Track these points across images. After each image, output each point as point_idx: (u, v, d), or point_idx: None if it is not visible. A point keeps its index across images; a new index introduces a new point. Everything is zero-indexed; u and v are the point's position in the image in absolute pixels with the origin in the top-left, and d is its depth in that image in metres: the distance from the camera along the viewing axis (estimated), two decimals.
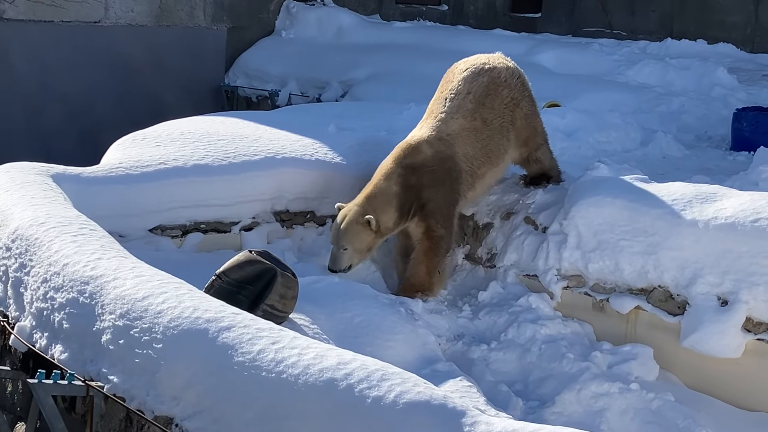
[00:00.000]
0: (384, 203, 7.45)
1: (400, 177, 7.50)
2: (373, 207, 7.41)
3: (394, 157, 7.63)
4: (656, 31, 17.65)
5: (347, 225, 7.37)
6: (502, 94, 7.97)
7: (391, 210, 7.45)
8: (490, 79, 7.96)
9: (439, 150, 7.63)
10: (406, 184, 7.50)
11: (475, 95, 7.86)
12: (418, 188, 7.53)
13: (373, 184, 7.54)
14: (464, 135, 7.77)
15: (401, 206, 7.48)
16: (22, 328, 5.55)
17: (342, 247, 7.39)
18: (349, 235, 7.36)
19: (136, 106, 14.74)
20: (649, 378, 6.64)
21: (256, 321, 4.71)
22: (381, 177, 7.55)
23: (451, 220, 7.70)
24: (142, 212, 7.82)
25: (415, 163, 7.55)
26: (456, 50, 15.19)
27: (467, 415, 4.03)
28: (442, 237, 7.63)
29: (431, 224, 7.57)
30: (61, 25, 14.25)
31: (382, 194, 7.47)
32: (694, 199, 6.94)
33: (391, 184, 7.49)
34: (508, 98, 8.01)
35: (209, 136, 8.75)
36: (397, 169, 7.54)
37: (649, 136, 10.74)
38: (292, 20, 16.98)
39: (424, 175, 7.55)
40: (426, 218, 7.57)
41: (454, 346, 7.09)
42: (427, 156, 7.58)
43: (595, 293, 7.23)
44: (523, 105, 8.13)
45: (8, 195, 6.69)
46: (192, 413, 4.49)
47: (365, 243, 7.43)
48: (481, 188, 8.06)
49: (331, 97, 14.49)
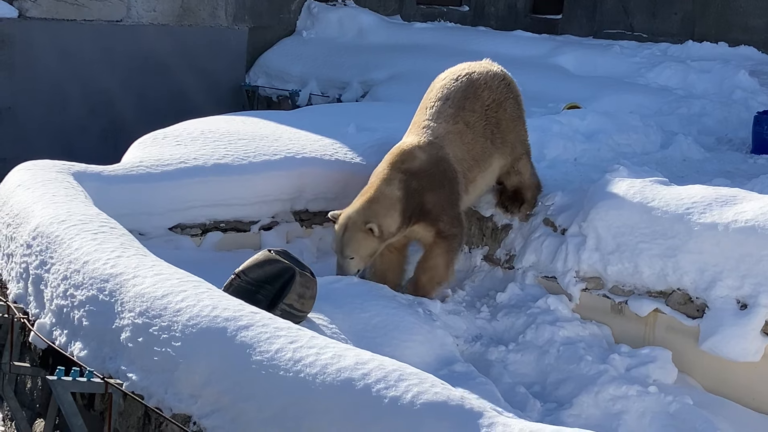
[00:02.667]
0: (387, 208, 7.27)
1: (401, 182, 7.34)
2: (375, 213, 7.23)
3: (390, 162, 7.47)
4: (677, 33, 17.57)
5: (350, 234, 7.21)
6: (483, 95, 7.90)
7: (395, 215, 7.29)
8: (468, 83, 7.89)
9: (432, 153, 7.53)
10: (408, 189, 7.35)
11: (453, 100, 7.80)
12: (421, 192, 7.40)
13: (373, 190, 7.36)
14: (450, 138, 7.67)
15: (404, 211, 7.34)
16: (42, 325, 5.59)
17: (348, 257, 7.24)
18: (354, 244, 7.21)
19: (158, 105, 14.78)
20: (667, 381, 6.62)
21: (275, 320, 4.72)
22: (380, 182, 7.37)
23: (459, 218, 7.62)
24: (162, 211, 7.86)
25: (414, 167, 7.43)
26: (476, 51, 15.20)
27: (484, 416, 4.03)
28: (455, 236, 7.56)
29: (441, 227, 7.47)
30: (84, 23, 14.30)
31: (384, 199, 7.30)
32: (714, 202, 6.92)
33: (393, 189, 7.32)
34: (489, 99, 7.92)
35: (229, 135, 8.78)
36: (397, 174, 7.37)
37: (669, 138, 10.69)
38: (313, 20, 16.99)
39: (424, 179, 7.42)
40: (434, 223, 7.46)
41: (472, 347, 7.09)
42: (423, 160, 7.47)
43: (613, 295, 7.21)
44: (506, 106, 8.03)
45: (30, 192, 6.73)
46: (210, 411, 4.51)
47: (370, 250, 7.28)
48: (474, 193, 7.93)
49: (351, 97, 14.50)
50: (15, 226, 6.44)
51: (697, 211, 6.88)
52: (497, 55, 14.92)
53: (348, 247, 7.21)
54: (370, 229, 7.16)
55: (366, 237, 7.20)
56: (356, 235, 7.20)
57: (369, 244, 7.24)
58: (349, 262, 7.25)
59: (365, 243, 7.22)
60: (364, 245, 7.23)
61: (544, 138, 9.71)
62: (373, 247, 7.28)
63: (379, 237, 7.23)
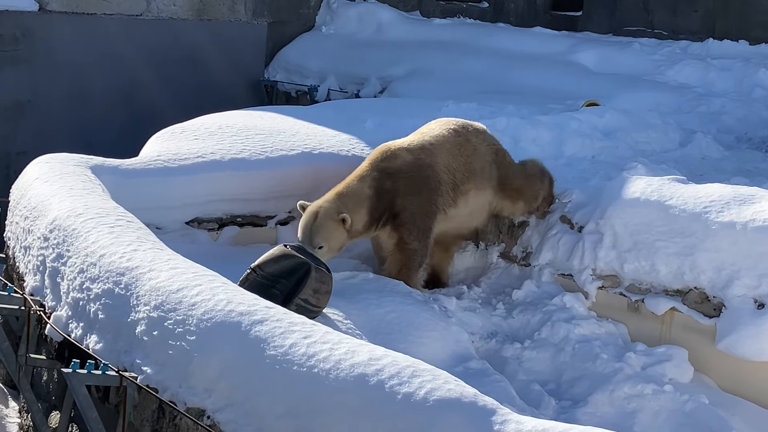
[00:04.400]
0: (355, 204, 7.07)
1: (374, 181, 7.19)
2: (345, 206, 7.03)
3: (370, 159, 7.36)
4: (698, 31, 17.49)
5: (321, 222, 6.93)
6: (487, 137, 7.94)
7: (362, 212, 7.10)
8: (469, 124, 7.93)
9: (418, 157, 7.39)
10: (379, 189, 7.18)
11: (458, 124, 7.81)
12: (392, 194, 7.21)
13: (345, 184, 7.19)
14: (447, 147, 7.56)
15: (372, 211, 7.15)
16: (58, 317, 5.61)
17: (317, 246, 6.89)
18: (324, 233, 6.92)
19: (176, 99, 14.81)
20: (683, 380, 6.61)
21: (289, 315, 4.73)
22: (354, 178, 7.22)
23: (427, 233, 7.37)
24: (179, 205, 7.87)
25: (392, 167, 7.27)
26: (495, 48, 15.23)
27: (497, 414, 4.02)
28: (416, 251, 7.31)
29: (404, 235, 7.27)
30: (103, 17, 14.34)
31: (353, 195, 7.11)
32: (732, 201, 6.89)
33: (364, 187, 7.16)
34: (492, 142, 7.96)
35: (247, 130, 8.80)
36: (372, 172, 7.23)
37: (688, 136, 10.66)
38: (332, 16, 17.01)
39: (399, 180, 7.25)
40: (398, 229, 7.27)
41: (488, 344, 7.08)
42: (405, 161, 7.33)
43: (630, 294, 7.19)
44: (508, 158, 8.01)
45: (47, 186, 6.76)
46: (224, 405, 4.52)
47: (339, 242, 7.02)
48: (465, 207, 7.71)
49: (369, 93, 14.50)
50: (32, 219, 6.47)
51: (715, 210, 6.85)
52: (516, 52, 15.01)
53: (318, 235, 6.91)
54: (342, 219, 6.95)
55: (337, 227, 6.95)
56: (328, 224, 6.94)
57: (339, 235, 6.98)
58: (317, 252, 6.84)
59: (336, 233, 6.96)
60: (334, 235, 6.96)
61: (562, 135, 9.71)
62: (342, 239, 7.03)
63: (348, 230, 7.00)
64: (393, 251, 7.33)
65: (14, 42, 13.43)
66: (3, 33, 13.30)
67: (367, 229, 7.21)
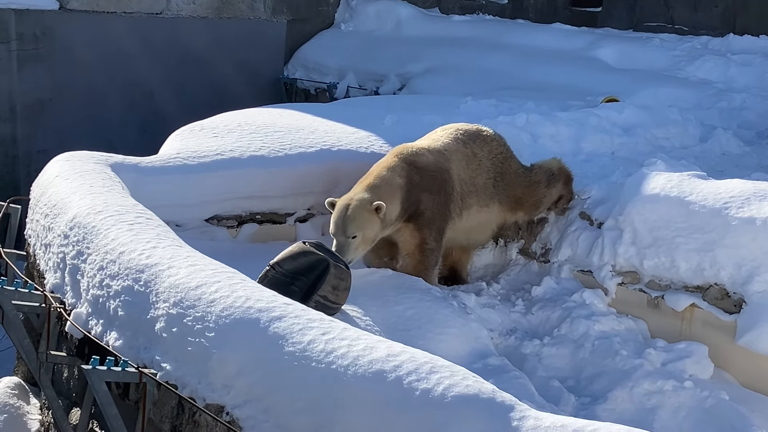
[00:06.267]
0: (389, 194, 7.01)
1: (404, 171, 7.17)
2: (378, 196, 6.94)
3: (396, 154, 7.34)
4: (718, 26, 17.41)
5: (355, 212, 6.85)
6: (492, 143, 7.86)
7: (395, 201, 7.05)
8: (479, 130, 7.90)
9: (438, 159, 7.42)
10: (410, 181, 7.17)
11: (466, 132, 7.78)
12: (420, 189, 7.21)
13: (375, 176, 7.14)
14: (458, 157, 7.56)
15: (404, 201, 7.12)
16: (78, 314, 5.63)
17: (351, 236, 6.81)
18: (359, 222, 6.83)
19: (196, 97, 14.87)
20: (703, 376, 6.57)
21: (307, 311, 4.73)
22: (383, 170, 7.17)
23: (441, 235, 7.36)
24: (199, 202, 7.89)
25: (419, 162, 7.28)
26: (515, 44, 15.21)
27: (516, 410, 4.01)
28: (433, 250, 7.30)
29: (425, 236, 7.25)
30: (123, 16, 14.41)
31: (386, 185, 7.06)
32: (752, 197, 6.85)
33: (395, 176, 7.13)
34: (497, 150, 7.88)
35: (266, 127, 8.81)
36: (402, 164, 7.21)
37: (708, 132, 10.62)
38: (351, 13, 17.03)
39: (426, 177, 7.26)
40: (422, 228, 7.24)
41: (507, 340, 7.07)
42: (429, 160, 7.35)
43: (650, 290, 7.17)
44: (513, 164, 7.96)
45: (68, 183, 6.79)
46: (243, 402, 4.52)
47: (374, 231, 6.92)
48: (467, 222, 7.68)
49: (388, 90, 14.52)
50: (53, 216, 6.50)
51: (735, 206, 6.82)
52: (536, 49, 14.98)
53: (352, 224, 6.83)
54: (376, 209, 6.87)
55: (371, 217, 6.88)
56: (362, 213, 6.87)
57: (373, 224, 6.90)
58: (351, 242, 6.83)
59: (370, 223, 6.88)
60: (369, 225, 6.88)
61: (581, 132, 9.69)
62: (376, 229, 6.94)
63: (382, 220, 6.94)
64: (413, 252, 7.28)
65: (35, 41, 13.51)
66: (24, 32, 13.38)
67: (398, 221, 7.16)
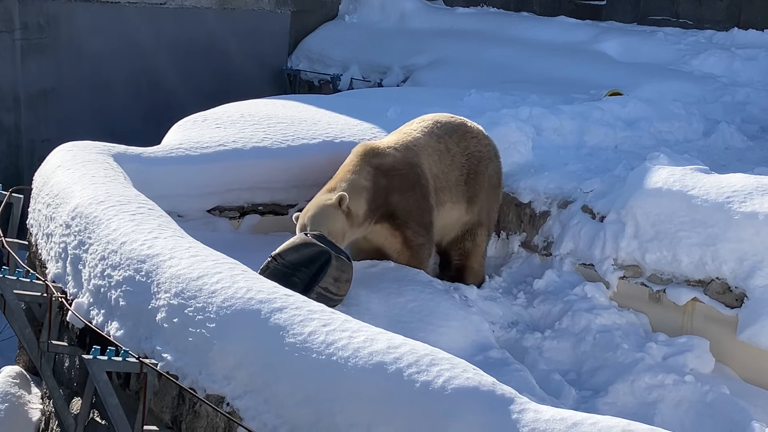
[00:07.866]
0: (354, 192, 6.79)
1: (369, 175, 6.94)
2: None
3: (359, 155, 7.07)
4: (723, 20, 17.37)
5: (316, 208, 6.67)
6: (470, 141, 7.65)
7: (361, 200, 6.83)
8: (461, 123, 7.72)
9: (406, 156, 7.20)
10: (376, 184, 6.94)
11: (443, 126, 7.59)
12: (388, 191, 6.99)
13: (338, 179, 6.93)
14: (429, 152, 7.36)
15: (370, 202, 6.89)
16: (80, 304, 5.63)
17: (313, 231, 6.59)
18: (320, 218, 6.62)
19: (199, 88, 14.87)
20: (704, 370, 6.57)
21: (308, 303, 4.73)
22: (347, 172, 6.94)
23: (428, 228, 7.18)
24: (201, 193, 7.90)
25: (385, 164, 7.04)
26: (519, 37, 15.20)
27: (516, 402, 4.02)
28: (422, 245, 7.14)
29: (408, 234, 7.08)
30: (128, 6, 14.40)
31: (351, 186, 6.82)
32: (755, 191, 6.84)
33: (360, 179, 6.89)
34: (474, 149, 7.65)
35: (269, 118, 8.81)
36: (366, 167, 6.97)
37: (712, 126, 10.61)
38: (355, 5, 17.02)
39: (394, 178, 7.04)
40: (400, 228, 7.04)
41: (508, 333, 7.07)
42: (396, 159, 7.13)
43: (651, 284, 7.16)
44: (488, 165, 7.71)
45: (70, 173, 6.79)
46: (243, 392, 4.53)
47: (338, 226, 6.66)
48: (442, 218, 7.44)
49: (392, 82, 14.51)
50: (54, 206, 6.50)
51: (738, 200, 6.81)
52: (540, 42, 14.97)
53: (314, 219, 6.63)
54: (338, 200, 6.65)
55: (334, 211, 6.65)
56: (324, 208, 6.66)
57: (337, 218, 6.66)
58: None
59: (333, 217, 6.64)
60: (332, 219, 6.63)
61: (585, 125, 9.68)
62: (341, 224, 6.69)
63: (347, 215, 6.73)
64: (400, 250, 7.14)
65: (38, 30, 13.51)
66: (28, 21, 13.38)
67: (366, 220, 6.93)
